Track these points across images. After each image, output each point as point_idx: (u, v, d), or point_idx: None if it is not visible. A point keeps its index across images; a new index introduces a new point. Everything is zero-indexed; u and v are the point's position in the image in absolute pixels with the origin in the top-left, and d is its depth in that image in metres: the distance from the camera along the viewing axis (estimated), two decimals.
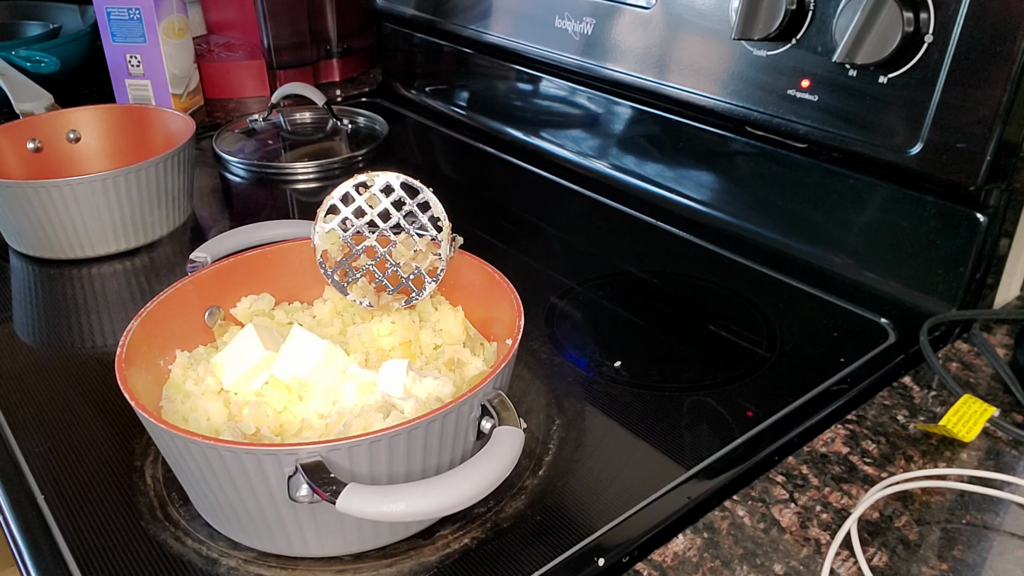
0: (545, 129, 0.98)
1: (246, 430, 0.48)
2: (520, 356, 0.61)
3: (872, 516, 0.49)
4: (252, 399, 0.50)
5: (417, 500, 0.40)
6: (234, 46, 1.27)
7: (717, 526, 0.49)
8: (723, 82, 0.74)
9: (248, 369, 0.50)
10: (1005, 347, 0.64)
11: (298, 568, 0.47)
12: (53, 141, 0.87)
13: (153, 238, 0.81)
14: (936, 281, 0.66)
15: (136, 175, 0.76)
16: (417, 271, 0.57)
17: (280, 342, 0.52)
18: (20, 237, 0.78)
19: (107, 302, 0.73)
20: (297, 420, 0.49)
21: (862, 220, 0.70)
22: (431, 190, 0.56)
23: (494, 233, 0.83)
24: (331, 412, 0.49)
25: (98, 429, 0.57)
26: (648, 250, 0.80)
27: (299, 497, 0.42)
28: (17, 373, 0.63)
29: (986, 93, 0.58)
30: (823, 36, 0.65)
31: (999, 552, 0.47)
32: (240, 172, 0.98)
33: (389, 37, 1.19)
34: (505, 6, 0.94)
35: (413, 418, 0.43)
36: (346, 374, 0.51)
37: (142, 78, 1.07)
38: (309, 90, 1.06)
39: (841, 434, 0.56)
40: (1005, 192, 0.62)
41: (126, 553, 0.47)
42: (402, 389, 0.49)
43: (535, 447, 0.54)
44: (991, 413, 0.54)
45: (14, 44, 1.13)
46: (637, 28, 0.80)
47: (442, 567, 0.46)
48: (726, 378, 0.61)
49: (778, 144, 0.74)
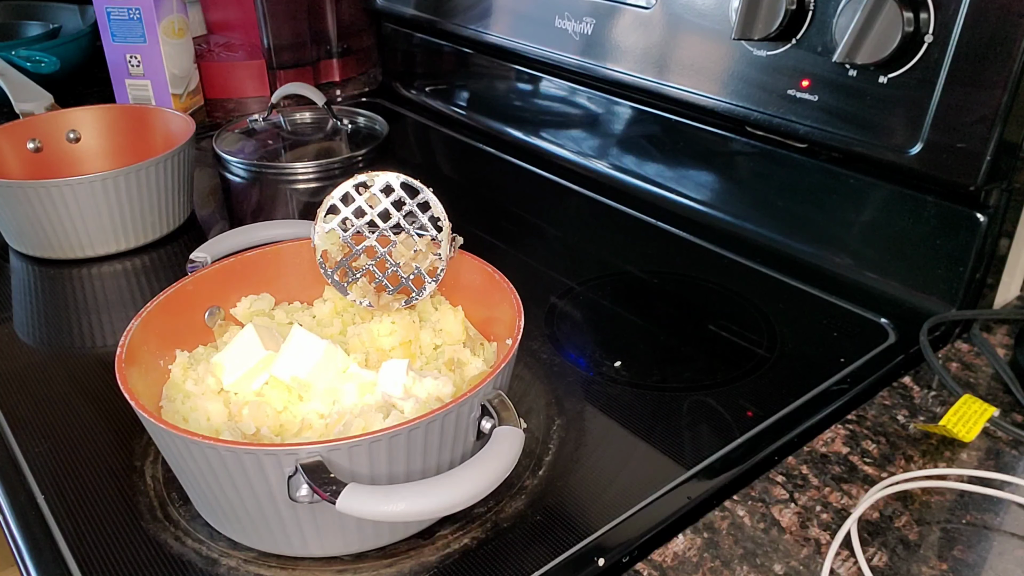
0: (545, 129, 0.98)
1: (246, 430, 0.48)
2: (520, 356, 0.61)
3: (872, 516, 0.49)
4: (252, 399, 0.50)
5: (417, 500, 0.40)
6: (234, 46, 1.27)
7: (717, 526, 0.49)
8: (723, 82, 0.74)
9: (248, 369, 0.50)
10: (1005, 347, 0.64)
11: (298, 568, 0.47)
12: (53, 141, 0.87)
13: (153, 238, 0.81)
14: (936, 281, 0.66)
15: (136, 175, 0.76)
16: (417, 271, 0.57)
17: (280, 342, 0.52)
18: (20, 237, 0.78)
19: (107, 302, 0.73)
20: (297, 420, 0.49)
21: (862, 220, 0.70)
22: (431, 190, 0.56)
23: (494, 233, 0.83)
24: (331, 412, 0.49)
25: (98, 429, 0.57)
26: (648, 250, 0.80)
27: (299, 497, 0.42)
28: (17, 373, 0.63)
29: (986, 93, 0.58)
30: (823, 36, 0.65)
31: (999, 552, 0.47)
32: (240, 172, 0.98)
33: (389, 37, 1.19)
34: (505, 6, 0.94)
35: (413, 418, 0.43)
36: (346, 374, 0.51)
37: (142, 78, 1.07)
38: (309, 90, 1.06)
39: (841, 434, 0.56)
40: (1005, 192, 0.62)
41: (126, 553, 0.47)
42: (402, 389, 0.49)
43: (535, 447, 0.54)
44: (991, 413, 0.54)
45: (14, 44, 1.13)
46: (637, 28, 0.80)
47: (442, 567, 0.46)
48: (726, 378, 0.61)
49: (778, 144, 0.74)
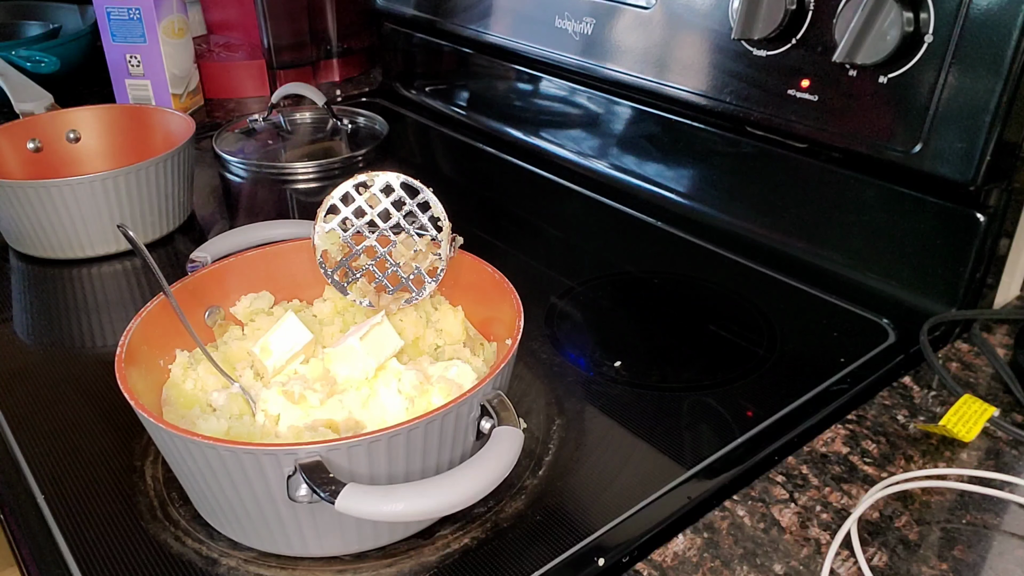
0: (545, 129, 0.98)
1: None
2: (520, 356, 0.61)
3: (872, 516, 0.49)
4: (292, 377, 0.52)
5: (416, 500, 0.40)
6: (234, 46, 1.27)
7: (717, 526, 0.49)
8: (723, 82, 0.74)
9: (293, 353, 0.52)
10: (1005, 347, 0.64)
11: (298, 568, 0.47)
12: (53, 141, 0.87)
13: (153, 238, 0.81)
14: (936, 281, 0.66)
15: (136, 175, 0.76)
16: (417, 271, 0.57)
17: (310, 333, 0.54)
18: (20, 237, 0.78)
19: (107, 302, 0.73)
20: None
21: (862, 220, 0.70)
22: (431, 190, 0.56)
23: (494, 233, 0.83)
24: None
25: (98, 429, 0.57)
26: (648, 250, 0.80)
27: (298, 497, 0.42)
28: (17, 373, 0.63)
29: (986, 93, 0.58)
30: (823, 36, 0.65)
31: (999, 552, 0.47)
32: (240, 172, 0.98)
33: (389, 37, 1.19)
34: (505, 6, 0.94)
35: (413, 418, 0.43)
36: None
37: (142, 78, 1.07)
38: (309, 90, 1.06)
39: (841, 434, 0.56)
40: (1005, 192, 0.62)
41: (126, 553, 0.47)
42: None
43: (535, 447, 0.54)
44: (991, 413, 0.54)
45: (14, 44, 1.13)
46: (637, 28, 0.80)
47: (442, 567, 0.46)
48: (726, 378, 0.61)
49: (778, 144, 0.74)
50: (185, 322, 0.52)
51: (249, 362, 0.54)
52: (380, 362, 0.51)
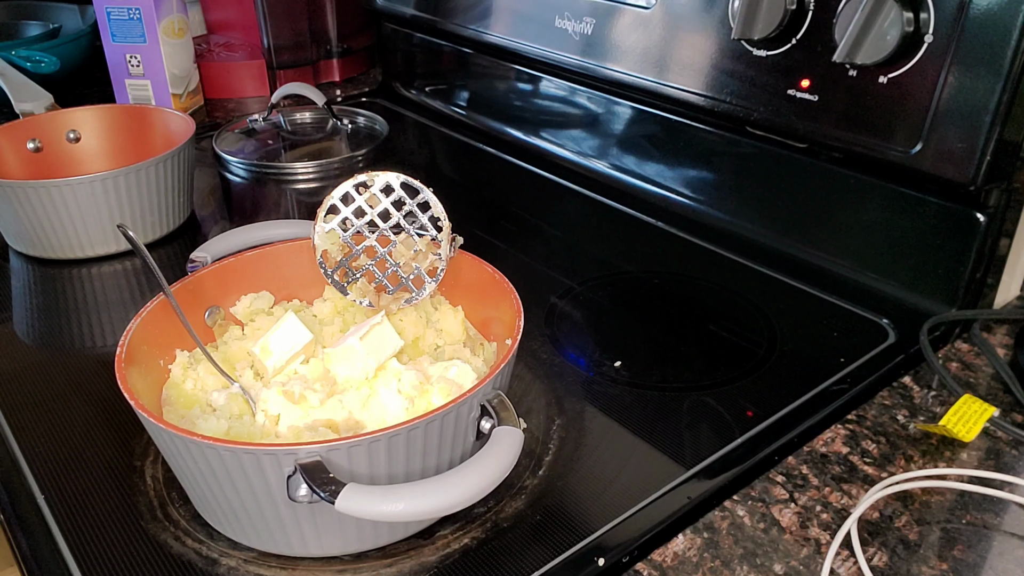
0: (545, 129, 0.98)
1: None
2: (520, 356, 0.61)
3: (872, 516, 0.49)
4: (291, 377, 0.52)
5: (416, 500, 0.40)
6: (234, 46, 1.27)
7: (717, 526, 0.49)
8: (723, 82, 0.74)
9: (293, 353, 0.52)
10: (1005, 347, 0.64)
11: (298, 568, 0.47)
12: (53, 141, 0.87)
13: (153, 238, 0.81)
14: (936, 281, 0.66)
15: (136, 175, 0.76)
16: (417, 271, 0.57)
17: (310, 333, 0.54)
18: (20, 237, 0.78)
19: (107, 302, 0.73)
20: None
21: (862, 220, 0.70)
22: (431, 190, 0.56)
23: (494, 233, 0.83)
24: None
25: (98, 429, 0.57)
26: (648, 250, 0.80)
27: (298, 497, 0.42)
28: (17, 373, 0.63)
29: (986, 93, 0.58)
30: (823, 36, 0.65)
31: (999, 552, 0.47)
32: (240, 172, 0.98)
33: (389, 37, 1.19)
34: (505, 6, 0.94)
35: (413, 418, 0.43)
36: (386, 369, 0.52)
37: (142, 78, 1.07)
38: (309, 90, 1.06)
39: (841, 434, 0.56)
40: (1005, 192, 0.62)
41: (126, 553, 0.47)
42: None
43: (535, 447, 0.54)
44: (991, 413, 0.54)
45: (14, 44, 1.13)
46: (637, 28, 0.80)
47: (442, 567, 0.46)
48: (726, 378, 0.61)
49: (778, 144, 0.74)
50: (185, 322, 0.52)
51: (249, 362, 0.54)
52: (380, 362, 0.51)
